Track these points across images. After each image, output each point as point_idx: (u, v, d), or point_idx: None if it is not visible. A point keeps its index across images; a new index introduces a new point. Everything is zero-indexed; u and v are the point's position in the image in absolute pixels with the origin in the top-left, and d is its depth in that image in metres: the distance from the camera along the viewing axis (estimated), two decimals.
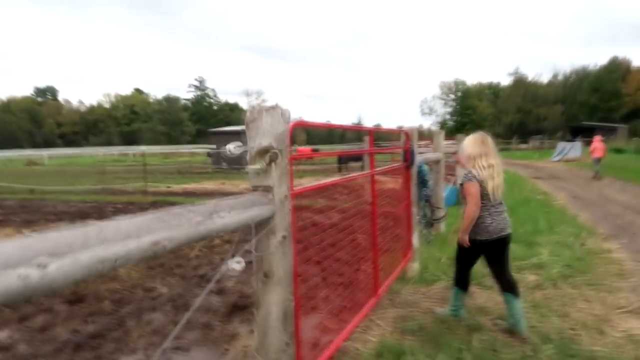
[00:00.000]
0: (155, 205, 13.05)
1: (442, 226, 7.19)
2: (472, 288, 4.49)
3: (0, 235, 8.38)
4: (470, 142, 3.66)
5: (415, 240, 5.36)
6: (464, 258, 3.93)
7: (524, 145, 56.00)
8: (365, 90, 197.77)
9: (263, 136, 2.00)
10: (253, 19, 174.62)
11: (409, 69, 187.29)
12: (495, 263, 3.79)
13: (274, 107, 2.01)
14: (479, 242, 3.66)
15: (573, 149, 29.70)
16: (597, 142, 17.94)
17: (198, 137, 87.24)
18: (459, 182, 3.75)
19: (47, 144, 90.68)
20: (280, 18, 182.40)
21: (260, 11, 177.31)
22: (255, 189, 2.04)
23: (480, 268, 5.11)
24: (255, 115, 2.02)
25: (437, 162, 6.98)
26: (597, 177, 17.08)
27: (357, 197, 3.81)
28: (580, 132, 45.71)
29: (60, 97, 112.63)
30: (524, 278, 5.05)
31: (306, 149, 34.16)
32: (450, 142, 17.47)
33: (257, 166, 1.99)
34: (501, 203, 3.75)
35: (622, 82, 68.09)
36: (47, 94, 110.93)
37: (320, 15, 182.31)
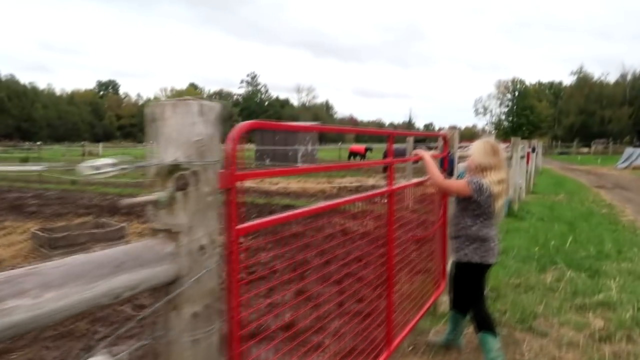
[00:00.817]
0: None
1: None
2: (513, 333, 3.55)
3: (20, 230, 8.12)
4: (481, 150, 3.14)
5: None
6: (475, 290, 3.26)
7: (585, 149, 52.68)
8: (418, 88, 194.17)
9: (167, 147, 1.23)
10: (307, 15, 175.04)
11: (464, 67, 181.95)
12: (482, 292, 3.27)
13: (186, 102, 1.23)
14: (485, 266, 3.19)
15: None
16: None
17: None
18: (459, 175, 3.39)
19: (107, 136, 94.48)
20: (333, 15, 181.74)
21: (313, 7, 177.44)
22: (155, 233, 1.27)
23: (529, 305, 4.13)
24: (157, 113, 1.24)
25: None
26: None
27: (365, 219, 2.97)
28: None
29: (121, 90, 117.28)
30: (587, 322, 4.02)
31: (360, 147, 32.96)
32: (505, 145, 16.17)
33: (158, 195, 1.22)
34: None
35: None
36: (109, 87, 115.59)
37: (373, 12, 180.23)
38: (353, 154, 32.31)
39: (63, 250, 5.66)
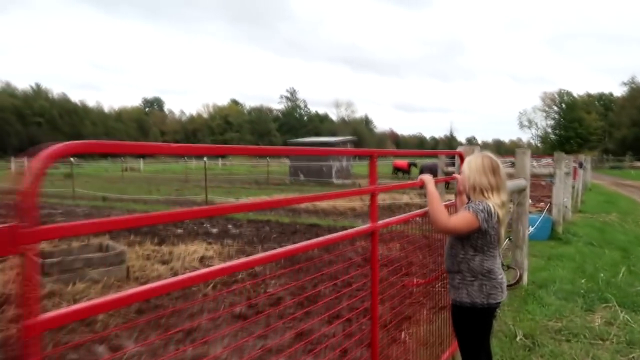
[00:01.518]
0: (212, 219, 12.35)
1: (524, 278, 5.32)
2: None
3: None
4: (479, 168, 2.59)
5: None
6: (479, 339, 2.65)
7: (638, 163, 49.64)
8: (459, 102, 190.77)
9: None
10: (345, 31, 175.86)
11: (507, 79, 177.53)
12: (488, 341, 2.73)
13: None
14: (493, 307, 2.58)
15: None
16: None
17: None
18: (466, 209, 2.59)
19: None
20: (371, 29, 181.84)
21: (352, 23, 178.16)
22: None
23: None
24: None
25: (520, 191, 5.19)
26: None
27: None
28: None
29: (166, 107, 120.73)
30: None
31: (403, 162, 32.03)
32: (548, 160, 15.03)
33: None
34: None
35: None
36: (154, 104, 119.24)
37: (412, 26, 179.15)
38: (397, 169, 31.63)
39: (55, 277, 5.28)
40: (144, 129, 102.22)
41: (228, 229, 10.70)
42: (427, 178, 2.70)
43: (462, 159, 3.34)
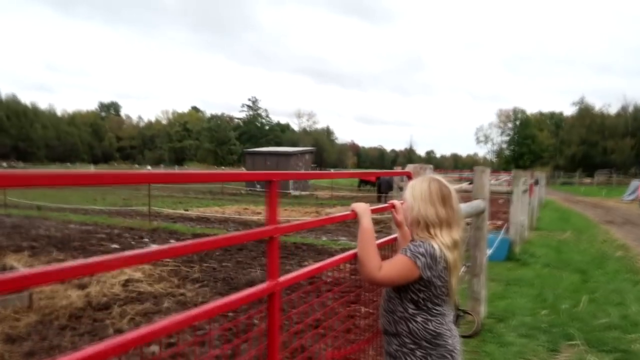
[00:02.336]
0: (154, 232, 11.43)
1: (481, 311, 4.76)
2: None
3: None
4: (423, 195, 1.98)
5: None
6: None
7: (588, 180, 51.36)
8: (419, 116, 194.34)
9: None
10: (309, 43, 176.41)
11: (465, 96, 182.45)
12: None
13: None
14: None
15: None
16: None
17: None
18: (403, 251, 1.95)
19: (106, 157, 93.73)
20: (335, 42, 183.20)
21: (316, 35, 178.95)
22: None
23: None
24: None
25: (478, 214, 4.64)
26: None
27: None
28: None
29: (123, 112, 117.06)
30: None
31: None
32: (506, 176, 14.83)
33: None
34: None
35: None
36: (111, 109, 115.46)
37: (374, 41, 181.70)
38: (364, 181, 31.01)
39: None
40: (98, 134, 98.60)
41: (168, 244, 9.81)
42: (362, 209, 2.07)
43: (410, 178, 2.74)
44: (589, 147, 68.90)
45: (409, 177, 2.77)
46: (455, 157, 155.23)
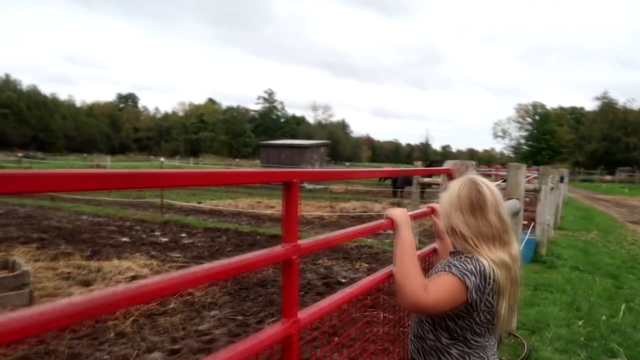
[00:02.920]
0: (166, 225, 11.18)
1: (512, 321, 4.35)
2: None
3: None
4: (453, 200, 1.66)
5: None
6: None
7: (608, 177, 50.07)
8: (436, 110, 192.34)
9: None
10: (326, 36, 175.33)
11: (482, 90, 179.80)
12: None
13: None
14: None
15: None
16: None
17: None
18: (438, 269, 1.64)
19: (123, 148, 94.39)
20: (352, 36, 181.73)
21: (333, 29, 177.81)
22: None
23: None
24: None
25: (513, 214, 4.21)
26: None
27: None
28: None
29: (140, 104, 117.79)
30: None
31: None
32: (532, 173, 14.11)
33: None
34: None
35: None
36: (129, 100, 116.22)
37: (391, 34, 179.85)
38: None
39: None
40: (116, 125, 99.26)
41: (179, 239, 9.55)
42: (400, 217, 1.70)
43: (451, 177, 2.35)
44: (610, 144, 67.29)
45: (450, 176, 2.38)
46: (471, 152, 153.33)
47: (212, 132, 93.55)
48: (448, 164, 2.64)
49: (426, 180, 9.45)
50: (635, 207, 20.60)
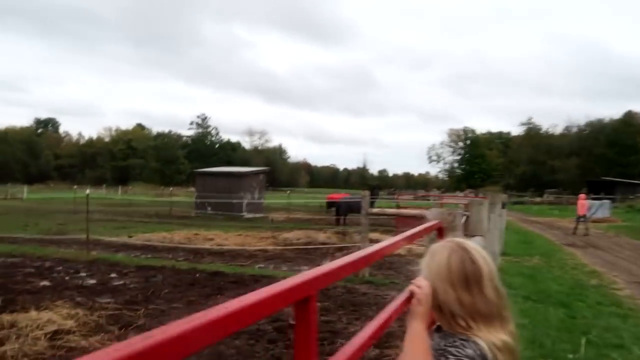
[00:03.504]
0: (92, 265, 10.28)
1: None
2: None
3: None
4: (441, 271, 1.44)
5: None
6: None
7: (538, 199, 53.11)
8: (372, 135, 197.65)
9: None
10: (259, 60, 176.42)
11: (415, 116, 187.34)
12: None
13: None
14: None
15: (601, 208, 26.79)
16: (582, 199, 20.06)
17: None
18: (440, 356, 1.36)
19: (43, 176, 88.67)
20: (286, 61, 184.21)
21: (266, 53, 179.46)
22: None
23: None
24: None
25: None
26: (585, 233, 18.67)
27: None
28: (601, 188, 42.92)
29: (61, 129, 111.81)
30: None
31: (339, 195, 26.63)
32: (465, 193, 14.56)
33: None
34: None
35: (639, 137, 65.91)
36: (48, 125, 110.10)
37: (324, 59, 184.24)
38: (331, 203, 25.40)
39: None
40: (34, 152, 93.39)
41: (109, 280, 8.77)
42: (423, 292, 1.44)
43: (441, 234, 2.11)
44: (537, 166, 71.83)
45: (440, 232, 2.13)
46: (407, 177, 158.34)
47: (142, 158, 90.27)
48: (432, 214, 2.41)
49: (375, 210, 9.34)
50: (567, 228, 21.73)
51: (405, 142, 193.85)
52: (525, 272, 9.78)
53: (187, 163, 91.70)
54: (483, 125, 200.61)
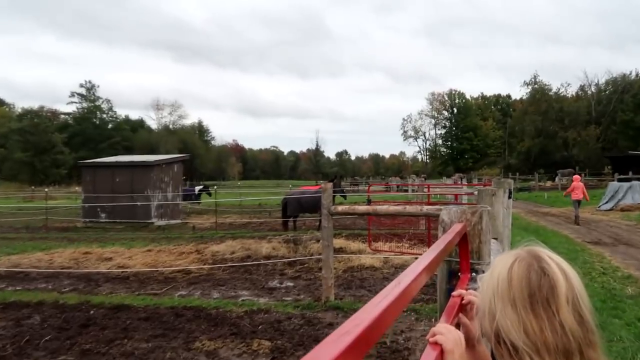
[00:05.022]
0: None
1: None
2: None
3: None
4: (501, 286, 1.43)
5: None
6: None
7: (549, 183, 54.90)
8: (326, 105, 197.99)
9: None
10: (165, 4, 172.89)
11: (383, 77, 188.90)
12: None
13: None
14: None
15: (630, 191, 28.02)
16: (577, 181, 22.94)
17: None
18: None
19: None
20: (205, 4, 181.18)
21: None
22: None
23: None
24: None
25: None
26: (577, 222, 21.43)
27: None
28: (629, 166, 44.81)
29: None
30: None
31: (315, 187, 26.42)
32: (456, 177, 14.75)
33: None
34: None
35: None
36: None
37: (258, 3, 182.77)
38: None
39: None
40: None
41: None
42: (450, 344, 1.44)
43: (464, 244, 2.02)
44: (546, 140, 74.23)
45: (463, 241, 2.03)
46: (375, 159, 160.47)
47: (2, 147, 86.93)
48: (448, 215, 2.30)
49: (341, 208, 9.30)
50: (589, 221, 22.58)
51: (370, 113, 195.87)
52: None
53: (68, 152, 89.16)
54: (475, 86, 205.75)
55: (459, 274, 2.05)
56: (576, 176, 24.65)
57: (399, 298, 1.10)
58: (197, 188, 37.22)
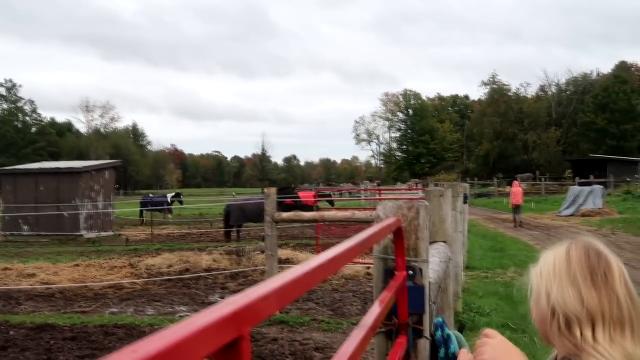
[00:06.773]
0: None
1: None
2: None
3: None
4: (559, 268, 1.70)
5: None
6: None
7: (508, 188, 56.04)
8: (273, 106, 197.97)
9: None
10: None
11: (334, 76, 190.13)
12: None
13: None
14: None
15: (591, 196, 28.87)
16: (517, 187, 25.88)
17: None
18: None
19: None
20: None
21: None
22: None
23: None
24: None
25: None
26: (518, 226, 23.95)
27: None
28: (590, 169, 46.16)
29: None
30: None
31: (308, 193, 26.89)
32: (412, 183, 14.95)
33: None
34: None
35: (636, 96, 71.40)
36: None
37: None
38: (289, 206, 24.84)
39: None
40: None
41: None
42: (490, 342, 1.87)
43: (400, 238, 2.08)
44: (505, 143, 75.88)
45: (399, 231, 2.09)
46: (327, 165, 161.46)
47: None
48: (384, 210, 2.37)
49: (285, 215, 9.35)
50: (550, 227, 23.24)
51: (321, 115, 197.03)
52: (499, 292, 10.27)
53: None
54: (431, 87, 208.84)
55: (395, 272, 2.11)
56: (515, 182, 27.85)
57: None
58: (170, 195, 36.82)
